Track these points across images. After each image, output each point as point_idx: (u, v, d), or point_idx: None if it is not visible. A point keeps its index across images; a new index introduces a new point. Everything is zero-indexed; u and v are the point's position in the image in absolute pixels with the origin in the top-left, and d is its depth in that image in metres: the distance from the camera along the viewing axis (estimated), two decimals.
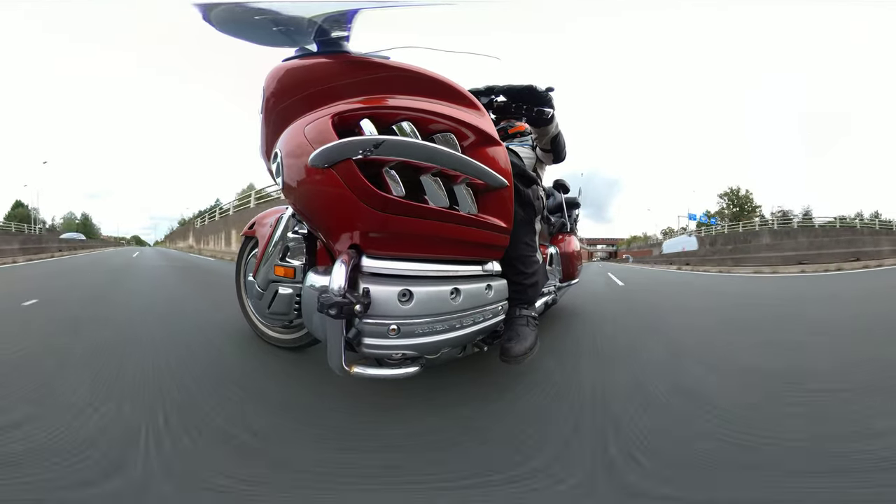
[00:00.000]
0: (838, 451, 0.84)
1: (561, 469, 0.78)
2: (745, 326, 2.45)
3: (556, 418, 1.01)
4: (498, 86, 1.30)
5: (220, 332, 1.74)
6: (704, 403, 1.11)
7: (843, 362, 1.53)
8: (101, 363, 1.31)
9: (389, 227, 0.87)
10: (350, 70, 0.93)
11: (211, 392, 1.11)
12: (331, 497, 0.72)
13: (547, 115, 1.30)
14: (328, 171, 0.84)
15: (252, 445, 0.85)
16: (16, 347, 1.50)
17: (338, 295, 0.80)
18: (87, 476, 0.72)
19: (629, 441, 0.87)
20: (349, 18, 0.89)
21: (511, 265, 1.19)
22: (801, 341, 1.88)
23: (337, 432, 0.92)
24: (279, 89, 0.98)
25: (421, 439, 0.91)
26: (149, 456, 0.78)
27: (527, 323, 1.19)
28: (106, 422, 0.91)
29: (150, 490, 0.69)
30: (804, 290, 4.68)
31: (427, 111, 0.93)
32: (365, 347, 0.87)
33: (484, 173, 0.98)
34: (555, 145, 1.50)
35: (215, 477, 0.74)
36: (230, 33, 0.91)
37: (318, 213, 0.92)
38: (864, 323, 2.44)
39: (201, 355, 1.44)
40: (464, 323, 0.98)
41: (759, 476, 0.76)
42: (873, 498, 0.70)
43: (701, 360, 1.58)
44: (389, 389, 1.14)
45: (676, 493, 0.71)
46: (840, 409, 1.08)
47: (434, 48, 1.03)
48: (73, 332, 1.75)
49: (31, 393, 1.07)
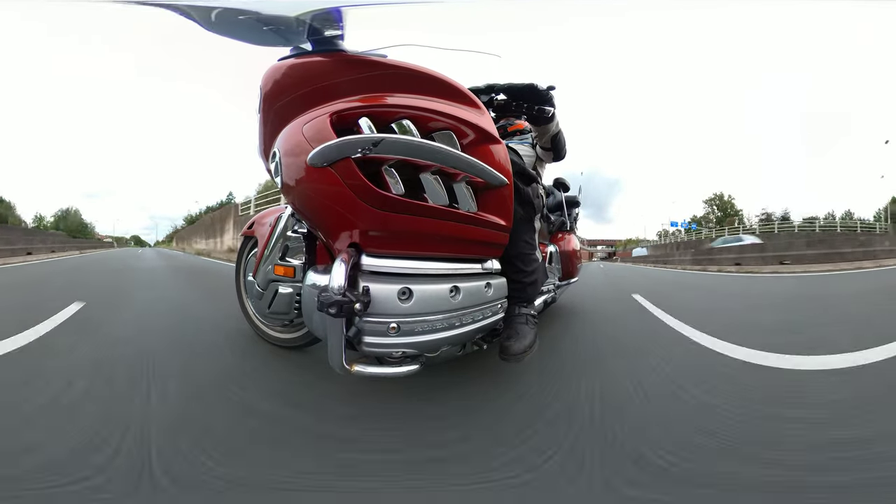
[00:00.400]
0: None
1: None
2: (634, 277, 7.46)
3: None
4: (498, 84, 1.30)
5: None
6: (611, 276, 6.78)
7: (633, 276, 7.56)
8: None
9: (389, 226, 0.87)
10: (346, 68, 0.93)
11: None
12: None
13: (547, 114, 1.30)
14: (327, 169, 0.83)
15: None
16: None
17: (338, 294, 0.80)
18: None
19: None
20: (338, 17, 0.89)
21: (511, 263, 1.19)
22: (633, 278, 6.97)
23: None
24: (276, 88, 0.98)
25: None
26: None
27: (526, 321, 1.19)
28: None
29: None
30: (679, 275, 8.34)
31: (426, 109, 0.93)
32: (365, 346, 0.87)
33: (483, 171, 0.98)
34: (555, 144, 1.50)
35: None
36: (223, 34, 0.90)
37: (317, 212, 0.92)
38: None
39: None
40: (463, 321, 0.98)
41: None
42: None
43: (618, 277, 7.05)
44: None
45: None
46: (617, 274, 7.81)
47: (432, 46, 1.03)
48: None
49: None
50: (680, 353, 1.64)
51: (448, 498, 0.72)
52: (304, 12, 0.84)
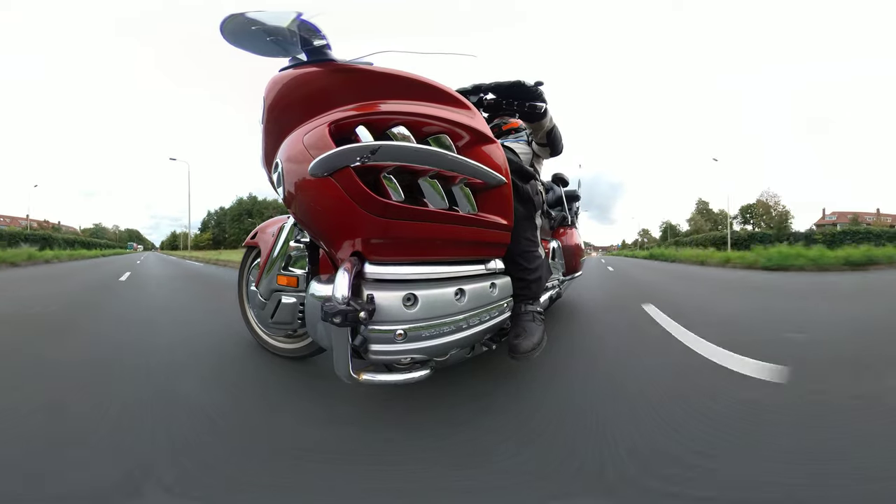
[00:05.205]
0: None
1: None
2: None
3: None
4: (485, 84, 1.29)
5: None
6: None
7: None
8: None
9: (390, 233, 0.86)
10: (339, 77, 0.93)
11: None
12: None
13: (539, 110, 1.30)
14: (328, 179, 0.83)
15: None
16: None
17: (342, 303, 0.80)
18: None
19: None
20: (315, 27, 0.89)
21: (514, 262, 1.19)
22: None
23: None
24: (276, 99, 0.98)
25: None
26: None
27: (533, 318, 1.19)
28: None
29: None
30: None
31: (419, 114, 0.93)
32: (372, 354, 0.87)
33: (481, 172, 0.98)
34: (551, 139, 1.50)
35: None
36: (235, 44, 0.91)
37: (319, 221, 0.92)
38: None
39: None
40: (470, 323, 0.98)
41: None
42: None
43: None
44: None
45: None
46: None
47: (410, 52, 1.04)
48: None
49: None
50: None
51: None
52: (291, 22, 0.84)
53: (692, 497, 0.70)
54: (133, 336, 1.93)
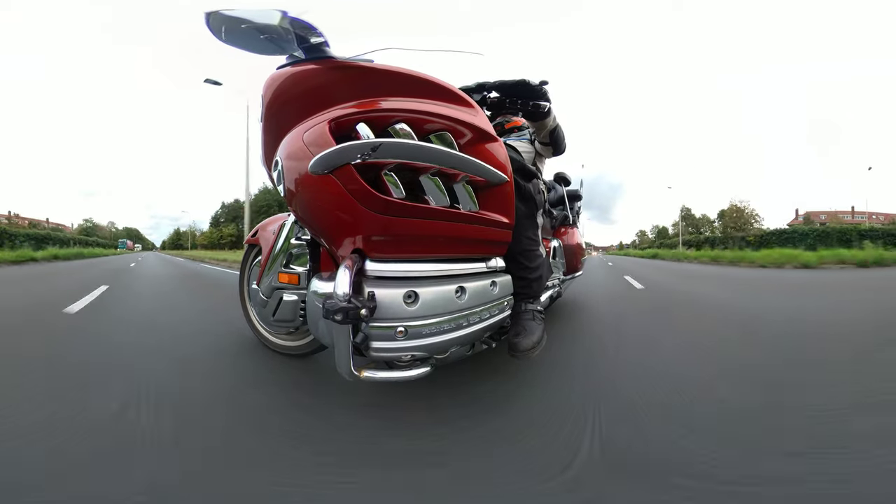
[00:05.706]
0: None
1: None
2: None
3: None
4: (489, 82, 1.29)
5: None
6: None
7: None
8: None
9: (391, 230, 0.86)
10: (338, 74, 0.93)
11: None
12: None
13: (543, 109, 1.30)
14: (328, 177, 0.83)
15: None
16: None
17: (343, 300, 0.80)
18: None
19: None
20: (311, 25, 0.89)
21: (515, 260, 1.19)
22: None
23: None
24: (275, 97, 0.98)
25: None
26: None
27: (533, 317, 1.19)
28: None
29: None
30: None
31: (421, 111, 0.92)
32: (373, 351, 0.87)
33: (483, 170, 0.97)
34: (554, 138, 1.49)
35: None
36: (228, 42, 0.91)
37: (320, 219, 0.92)
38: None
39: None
40: (471, 321, 0.98)
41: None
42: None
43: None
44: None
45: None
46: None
47: (415, 49, 1.04)
48: None
49: None
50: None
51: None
52: (281, 19, 0.84)
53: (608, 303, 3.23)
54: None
